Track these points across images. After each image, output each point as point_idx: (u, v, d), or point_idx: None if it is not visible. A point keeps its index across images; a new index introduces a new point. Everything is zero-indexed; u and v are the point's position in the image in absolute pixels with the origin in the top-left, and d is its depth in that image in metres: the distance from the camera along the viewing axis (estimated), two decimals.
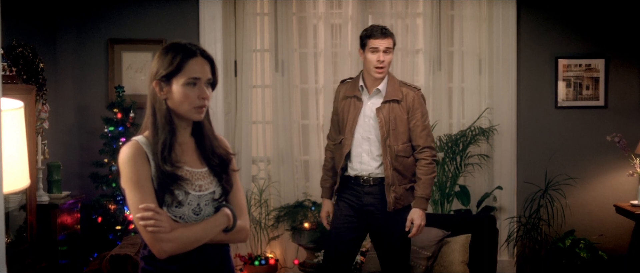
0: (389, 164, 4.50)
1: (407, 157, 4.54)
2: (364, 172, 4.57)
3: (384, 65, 4.50)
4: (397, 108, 4.52)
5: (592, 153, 6.36)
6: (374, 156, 4.55)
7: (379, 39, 4.48)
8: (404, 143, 4.52)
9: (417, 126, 4.53)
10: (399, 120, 4.51)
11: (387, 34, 4.51)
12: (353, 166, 4.61)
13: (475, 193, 6.34)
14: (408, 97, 4.54)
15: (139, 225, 2.50)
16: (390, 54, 4.54)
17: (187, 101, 2.57)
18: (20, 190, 2.74)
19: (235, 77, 6.42)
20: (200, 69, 2.59)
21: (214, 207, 2.66)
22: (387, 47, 4.49)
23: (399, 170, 4.51)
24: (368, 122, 4.57)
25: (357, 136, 4.58)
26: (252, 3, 6.37)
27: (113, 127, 5.82)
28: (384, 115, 4.51)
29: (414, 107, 4.54)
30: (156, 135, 2.57)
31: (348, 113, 4.62)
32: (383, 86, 4.58)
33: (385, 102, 4.54)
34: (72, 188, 5.94)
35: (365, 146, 4.57)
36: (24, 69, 5.26)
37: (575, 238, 6.04)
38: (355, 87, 4.64)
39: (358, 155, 4.58)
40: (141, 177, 2.52)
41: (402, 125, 4.52)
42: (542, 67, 6.36)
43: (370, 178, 4.56)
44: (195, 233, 2.57)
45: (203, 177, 2.65)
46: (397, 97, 4.53)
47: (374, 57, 4.48)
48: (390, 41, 4.51)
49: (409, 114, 4.54)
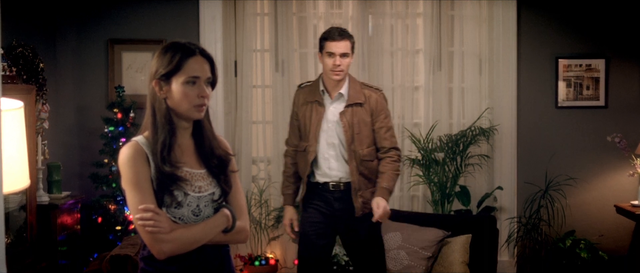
0: (355, 169, 4.43)
1: (372, 160, 4.49)
2: (333, 177, 4.51)
3: (341, 69, 4.41)
4: (361, 111, 4.46)
5: (592, 153, 6.36)
6: (341, 161, 4.49)
7: (335, 42, 4.39)
8: (369, 147, 4.47)
9: (382, 128, 4.48)
10: (362, 123, 4.45)
11: (344, 36, 4.42)
12: (321, 172, 4.53)
13: (475, 194, 6.33)
14: (371, 99, 4.48)
15: (139, 225, 2.50)
16: (349, 57, 4.44)
17: (186, 100, 2.57)
18: (20, 190, 2.74)
19: (235, 77, 6.41)
20: (199, 68, 2.59)
21: (214, 207, 2.66)
22: (343, 52, 4.40)
23: (364, 175, 4.46)
24: (332, 128, 4.49)
25: (322, 142, 4.50)
26: (252, 3, 6.37)
27: (113, 127, 5.81)
28: (348, 119, 4.44)
29: (378, 109, 4.48)
30: (156, 135, 2.57)
31: (310, 119, 4.53)
32: (345, 90, 4.50)
33: (348, 106, 4.46)
34: (72, 188, 5.94)
35: (331, 152, 4.50)
36: (24, 69, 5.25)
37: (575, 239, 6.03)
38: (315, 91, 4.55)
39: (326, 160, 4.51)
40: (141, 177, 2.52)
41: (366, 129, 4.46)
42: (543, 67, 6.36)
43: (340, 184, 4.50)
44: (195, 233, 2.56)
45: (202, 178, 2.64)
46: (360, 100, 4.46)
47: (330, 61, 4.40)
48: (348, 44, 4.42)
49: (373, 116, 4.48)
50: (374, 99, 4.48)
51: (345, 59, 4.41)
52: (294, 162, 4.67)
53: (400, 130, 6.43)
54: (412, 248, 5.31)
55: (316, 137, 4.49)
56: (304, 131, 4.56)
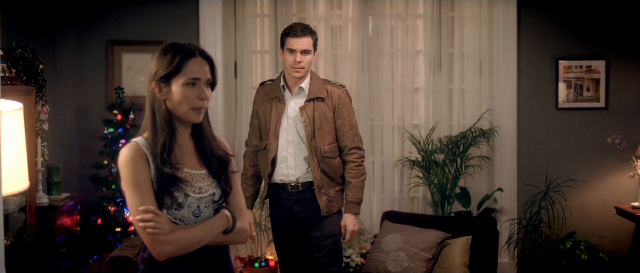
0: (316, 166, 4.29)
1: (334, 157, 4.35)
2: (291, 177, 4.36)
3: (301, 66, 4.29)
4: (322, 106, 4.32)
5: (592, 155, 6.35)
6: (300, 160, 4.35)
7: (296, 39, 4.27)
8: (330, 144, 4.33)
9: (344, 125, 4.35)
10: (324, 119, 4.31)
11: (306, 33, 4.28)
12: (279, 172, 4.38)
13: (475, 195, 6.33)
14: (333, 94, 4.35)
15: (139, 226, 2.49)
16: (310, 54, 4.31)
17: (186, 102, 2.56)
18: (19, 192, 2.74)
19: (235, 78, 6.41)
20: (199, 69, 2.58)
21: (214, 208, 2.65)
22: (305, 49, 4.28)
23: (326, 172, 4.33)
24: (291, 124, 4.35)
25: (281, 139, 4.36)
26: (252, 4, 6.36)
27: (113, 129, 5.81)
28: (309, 114, 4.30)
29: (340, 105, 4.35)
30: (155, 136, 2.56)
31: (270, 115, 4.39)
32: (306, 84, 4.37)
33: (309, 100, 4.33)
34: (71, 189, 5.93)
35: (290, 149, 4.36)
36: (23, 70, 5.24)
37: (575, 240, 6.03)
38: (276, 88, 4.42)
39: (283, 159, 4.37)
40: (141, 178, 2.51)
41: (327, 125, 4.32)
42: (543, 69, 6.35)
43: (298, 184, 4.36)
44: (195, 234, 2.56)
45: (202, 179, 2.64)
46: (322, 94, 4.33)
47: (290, 58, 4.28)
48: (310, 41, 4.29)
49: (335, 112, 4.35)
50: (336, 94, 4.36)
51: (307, 56, 4.29)
52: (253, 163, 4.55)
53: (400, 132, 6.43)
54: (412, 250, 5.30)
55: (276, 134, 4.35)
56: (265, 129, 4.44)
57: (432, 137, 6.26)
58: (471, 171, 6.30)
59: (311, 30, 4.33)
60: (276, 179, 4.40)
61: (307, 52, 4.29)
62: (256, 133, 4.53)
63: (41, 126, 5.36)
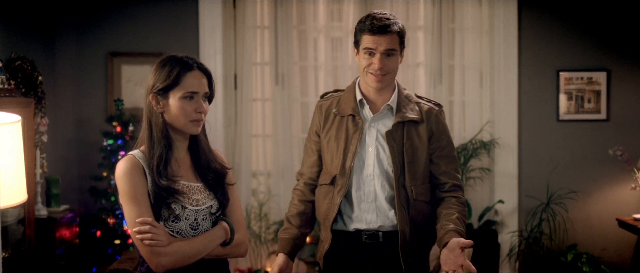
0: (404, 214, 3.16)
1: (427, 202, 3.22)
2: (370, 224, 3.20)
3: (384, 73, 3.17)
4: (415, 132, 3.22)
5: (594, 166, 6.33)
6: (384, 202, 3.20)
7: (375, 37, 3.14)
8: (424, 184, 3.22)
9: (443, 158, 3.25)
10: (418, 149, 3.21)
11: (388, 30, 3.14)
12: (354, 216, 3.23)
13: (476, 207, 6.31)
14: (431, 116, 3.26)
15: (136, 238, 2.48)
16: (395, 56, 3.19)
17: (183, 115, 2.55)
18: (16, 205, 2.72)
19: (235, 90, 6.39)
20: (197, 83, 2.57)
21: (212, 221, 2.64)
22: (388, 49, 3.15)
23: (417, 222, 3.18)
24: (372, 153, 3.21)
25: (356, 173, 3.22)
26: (252, 16, 6.36)
27: (112, 141, 5.80)
28: (397, 142, 3.19)
29: (439, 130, 3.26)
30: (152, 149, 2.56)
31: (339, 140, 3.26)
32: (394, 100, 3.25)
33: (398, 123, 3.21)
34: (70, 202, 5.91)
35: (370, 187, 3.20)
36: (22, 82, 5.24)
37: (577, 253, 6.00)
38: (349, 101, 3.28)
39: (360, 200, 3.21)
40: (138, 191, 2.51)
41: (423, 156, 3.21)
42: (544, 80, 6.34)
43: (378, 234, 3.20)
44: (193, 247, 2.54)
45: (199, 192, 2.63)
46: (415, 116, 3.23)
47: (366, 62, 3.17)
48: (395, 39, 3.16)
49: (432, 140, 3.25)
50: (434, 116, 3.26)
51: (391, 60, 3.17)
52: (305, 199, 3.38)
53: None
54: None
55: (349, 166, 3.22)
56: (330, 158, 3.28)
57: None
58: (472, 183, 6.28)
59: (397, 25, 3.18)
60: (346, 226, 3.25)
61: (392, 53, 3.18)
62: (314, 162, 3.39)
63: (40, 138, 5.35)
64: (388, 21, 3.14)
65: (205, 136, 2.70)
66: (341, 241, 3.25)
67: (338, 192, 3.22)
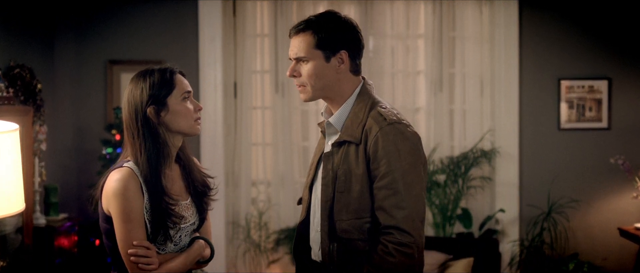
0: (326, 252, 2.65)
1: (362, 240, 2.61)
2: (316, 256, 2.75)
3: (298, 83, 2.68)
4: (354, 156, 2.62)
5: (595, 175, 6.31)
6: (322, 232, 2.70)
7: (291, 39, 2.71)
8: (359, 218, 2.60)
9: (381, 188, 2.55)
10: (353, 176, 2.61)
11: (294, 32, 2.68)
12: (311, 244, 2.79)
13: (477, 216, 6.28)
14: (370, 135, 2.59)
15: (129, 260, 2.45)
16: (308, 63, 2.65)
17: (189, 115, 2.56)
18: (14, 214, 2.70)
19: (235, 98, 6.37)
20: (187, 82, 2.60)
21: (191, 237, 2.64)
22: (298, 55, 2.65)
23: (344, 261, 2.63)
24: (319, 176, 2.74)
25: (314, 195, 2.77)
26: (252, 24, 6.34)
27: (111, 149, 5.78)
28: (334, 166, 2.65)
29: (378, 154, 2.56)
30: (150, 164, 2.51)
31: (311, 159, 2.91)
32: (339, 116, 2.70)
33: (337, 143, 2.67)
34: (69, 210, 5.89)
35: (317, 214, 2.74)
36: (21, 90, 5.23)
37: (578, 262, 5.97)
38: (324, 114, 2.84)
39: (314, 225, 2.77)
40: (134, 211, 2.47)
41: (358, 185, 2.60)
42: (545, 89, 6.32)
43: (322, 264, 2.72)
44: (179, 266, 2.54)
45: (187, 208, 2.61)
46: (349, 137, 2.63)
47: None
48: (305, 42, 2.65)
49: (371, 166, 2.58)
50: (373, 135, 2.58)
51: (306, 66, 2.66)
52: None
53: None
54: None
55: (309, 186, 2.82)
56: None
57: (433, 157, 6.22)
58: (473, 192, 6.26)
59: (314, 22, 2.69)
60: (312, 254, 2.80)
61: (302, 61, 2.67)
62: None
63: (39, 146, 5.33)
64: (301, 23, 2.67)
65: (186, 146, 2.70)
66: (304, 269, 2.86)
67: (300, 213, 2.87)
